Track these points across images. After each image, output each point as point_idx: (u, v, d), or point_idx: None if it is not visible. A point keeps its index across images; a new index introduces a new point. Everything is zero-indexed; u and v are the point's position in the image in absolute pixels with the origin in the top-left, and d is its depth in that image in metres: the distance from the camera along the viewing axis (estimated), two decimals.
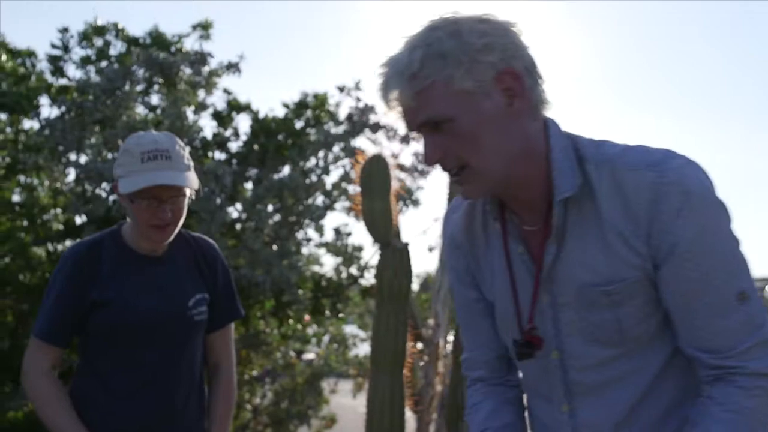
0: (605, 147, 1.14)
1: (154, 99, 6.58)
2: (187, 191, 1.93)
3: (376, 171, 2.91)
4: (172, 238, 1.95)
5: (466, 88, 1.05)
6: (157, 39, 6.85)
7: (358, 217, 3.18)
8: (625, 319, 1.13)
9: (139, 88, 6.19)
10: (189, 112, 6.27)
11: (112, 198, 5.71)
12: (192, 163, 1.96)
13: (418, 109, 1.07)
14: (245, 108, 6.65)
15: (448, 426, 2.87)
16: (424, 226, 5.65)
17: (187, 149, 1.99)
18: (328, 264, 7.03)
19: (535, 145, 1.13)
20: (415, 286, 10.38)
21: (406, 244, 3.00)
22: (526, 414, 1.35)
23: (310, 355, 6.78)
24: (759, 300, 1.12)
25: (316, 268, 7.05)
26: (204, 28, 6.69)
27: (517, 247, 1.19)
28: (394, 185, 3.00)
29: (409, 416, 3.64)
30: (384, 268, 2.95)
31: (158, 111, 6.40)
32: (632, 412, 1.18)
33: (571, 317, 1.16)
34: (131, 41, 6.89)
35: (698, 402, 1.13)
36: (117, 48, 6.96)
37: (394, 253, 2.92)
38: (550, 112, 1.14)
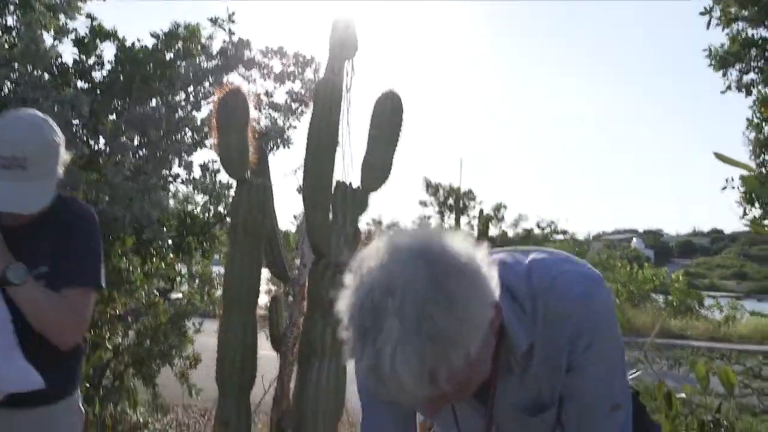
0: (533, 278, 1.27)
1: (9, 21, 6.07)
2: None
3: (232, 106, 2.83)
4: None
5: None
6: None
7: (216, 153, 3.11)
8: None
9: None
10: (47, 36, 5.84)
11: None
12: (60, 162, 2.02)
13: None
14: (110, 35, 6.24)
15: (299, 364, 2.90)
16: (294, 167, 5.59)
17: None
18: (200, 202, 6.83)
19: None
20: (287, 226, 10.34)
21: (263, 181, 2.97)
22: None
23: (176, 294, 6.65)
24: (628, 409, 1.34)
25: (188, 207, 6.87)
26: None
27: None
28: (253, 121, 2.94)
29: (273, 357, 3.65)
30: (239, 204, 2.89)
31: (13, 34, 5.93)
32: None
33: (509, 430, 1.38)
34: None
35: None
36: None
37: (250, 189, 2.88)
38: None
